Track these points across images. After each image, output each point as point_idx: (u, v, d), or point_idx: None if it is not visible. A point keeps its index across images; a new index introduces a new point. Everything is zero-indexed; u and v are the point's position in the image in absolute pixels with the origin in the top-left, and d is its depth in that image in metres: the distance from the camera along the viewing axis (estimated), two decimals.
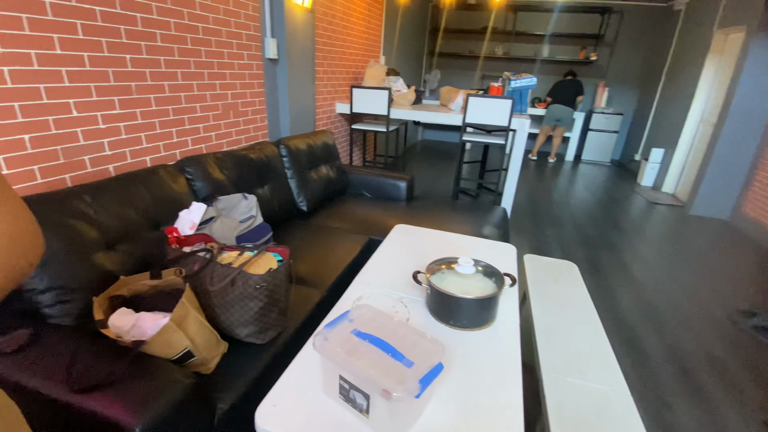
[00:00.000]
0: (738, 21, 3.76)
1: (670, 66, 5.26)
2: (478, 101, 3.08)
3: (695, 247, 3.30)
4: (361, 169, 2.93)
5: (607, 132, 6.06)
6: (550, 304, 1.59)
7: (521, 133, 3.12)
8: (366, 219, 2.36)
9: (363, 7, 3.71)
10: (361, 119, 3.81)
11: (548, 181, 5.04)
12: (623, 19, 5.99)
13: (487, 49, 6.67)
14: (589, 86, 6.39)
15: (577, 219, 3.76)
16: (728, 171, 3.84)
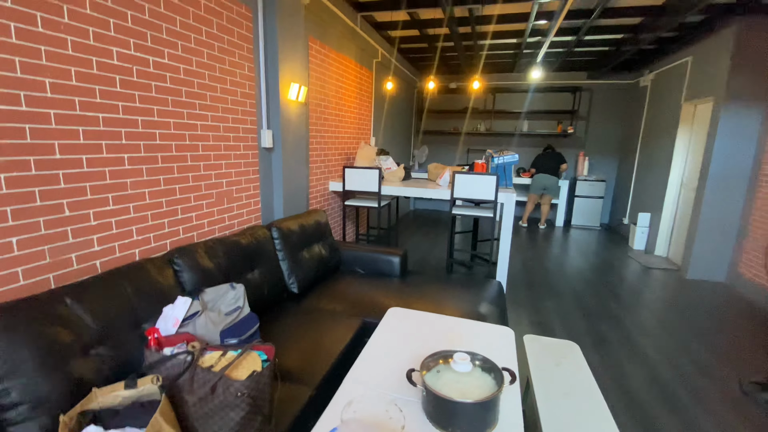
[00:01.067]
0: (704, 93, 4.10)
1: (643, 135, 5.61)
2: (465, 178, 3.20)
3: (697, 313, 3.22)
4: (355, 246, 2.94)
5: (593, 198, 6.25)
6: (556, 393, 1.50)
7: (508, 205, 3.20)
8: (359, 299, 2.31)
9: (353, 96, 4.02)
10: (353, 195, 3.92)
11: (541, 248, 5.07)
12: (593, 95, 6.52)
13: (470, 126, 7.13)
14: (571, 156, 6.74)
15: (574, 288, 3.71)
16: (717, 233, 3.90)
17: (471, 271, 4.01)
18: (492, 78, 6.91)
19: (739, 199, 3.79)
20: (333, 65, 3.48)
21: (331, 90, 3.48)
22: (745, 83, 3.61)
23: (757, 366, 2.47)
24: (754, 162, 3.69)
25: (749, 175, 3.73)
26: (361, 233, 4.47)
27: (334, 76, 3.53)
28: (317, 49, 3.15)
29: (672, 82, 4.86)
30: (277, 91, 2.54)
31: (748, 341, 2.78)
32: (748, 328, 2.99)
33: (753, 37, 3.53)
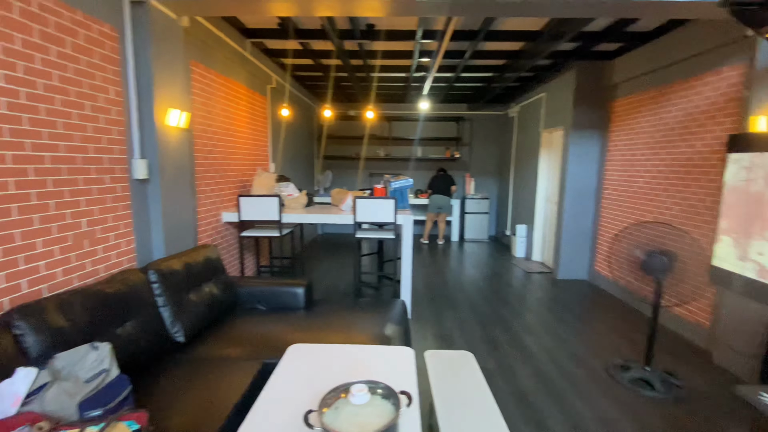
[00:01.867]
0: (557, 123, 4.90)
1: (515, 158, 6.47)
2: (365, 202, 3.27)
3: (568, 309, 3.74)
4: (254, 280, 2.75)
5: (480, 214, 6.95)
6: (454, 403, 1.56)
7: (407, 226, 3.35)
8: (260, 339, 2.14)
9: (246, 122, 3.86)
10: (252, 225, 3.70)
11: (440, 263, 5.40)
12: (474, 124, 7.34)
13: (370, 151, 7.41)
14: (459, 177, 7.43)
15: (469, 297, 4.01)
16: (577, 239, 4.63)
17: (379, 292, 4.07)
18: (387, 107, 7.32)
19: (590, 209, 4.59)
20: (221, 90, 3.31)
21: (219, 116, 3.28)
22: (584, 114, 4.44)
23: (617, 350, 2.94)
24: (598, 179, 4.51)
25: (595, 189, 4.55)
26: (263, 265, 4.22)
27: (223, 102, 3.35)
28: (201, 73, 2.97)
29: (533, 113, 5.75)
30: (152, 117, 2.30)
31: (608, 329, 3.30)
32: (607, 317, 3.56)
33: (586, 78, 4.38)
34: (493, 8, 2.32)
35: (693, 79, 3.15)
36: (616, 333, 3.22)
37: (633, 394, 2.38)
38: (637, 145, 3.83)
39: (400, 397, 1.12)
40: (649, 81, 3.68)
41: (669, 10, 2.28)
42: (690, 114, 3.17)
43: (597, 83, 4.39)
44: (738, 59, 2.75)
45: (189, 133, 2.66)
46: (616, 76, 4.13)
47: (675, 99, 3.34)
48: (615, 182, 4.18)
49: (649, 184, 3.62)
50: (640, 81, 3.82)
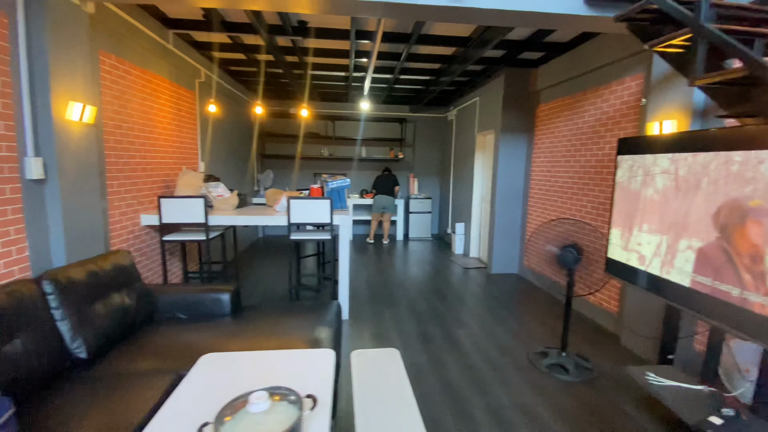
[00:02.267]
0: (489, 126, 5.14)
1: (454, 159, 6.71)
2: (300, 203, 3.21)
3: (498, 302, 3.95)
4: (174, 287, 2.59)
5: (424, 213, 7.12)
6: (374, 403, 1.57)
7: (344, 227, 3.34)
8: (176, 350, 2.01)
9: (169, 117, 3.62)
10: (177, 229, 3.48)
11: (383, 262, 5.45)
12: (417, 126, 7.50)
13: (314, 151, 7.29)
14: (404, 178, 7.55)
15: (409, 295, 4.09)
16: (508, 235, 4.90)
17: (319, 294, 4.01)
18: (330, 106, 7.24)
19: (519, 207, 4.87)
20: (138, 83, 3.06)
21: (136, 110, 3.04)
22: (513, 119, 4.70)
23: (540, 338, 3.15)
24: (525, 179, 4.81)
25: (523, 188, 4.84)
26: (193, 271, 3.99)
27: (141, 96, 3.11)
28: (113, 64, 2.73)
29: (469, 117, 5.99)
30: (49, 111, 2.07)
31: (534, 319, 3.53)
32: (533, 308, 3.80)
33: (514, 84, 4.64)
34: (422, 13, 2.38)
35: (602, 87, 3.46)
36: (540, 322, 3.45)
37: (549, 379, 2.56)
38: (557, 147, 4.14)
39: (305, 401, 1.10)
40: (566, 89, 3.99)
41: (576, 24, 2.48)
42: (599, 120, 3.48)
43: (523, 89, 4.67)
44: (638, 70, 3.06)
45: (96, 129, 2.43)
46: (539, 83, 4.42)
47: (587, 106, 3.65)
48: (539, 182, 4.48)
49: (567, 184, 3.92)
50: (559, 88, 4.12)
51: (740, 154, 1.53)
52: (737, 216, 1.49)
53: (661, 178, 1.97)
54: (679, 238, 1.83)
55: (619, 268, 2.26)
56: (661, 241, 1.95)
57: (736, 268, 1.48)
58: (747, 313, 1.40)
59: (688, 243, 1.77)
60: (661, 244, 1.96)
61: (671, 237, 1.89)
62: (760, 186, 1.42)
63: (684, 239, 1.80)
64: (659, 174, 1.99)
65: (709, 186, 1.67)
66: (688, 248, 1.77)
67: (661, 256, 1.96)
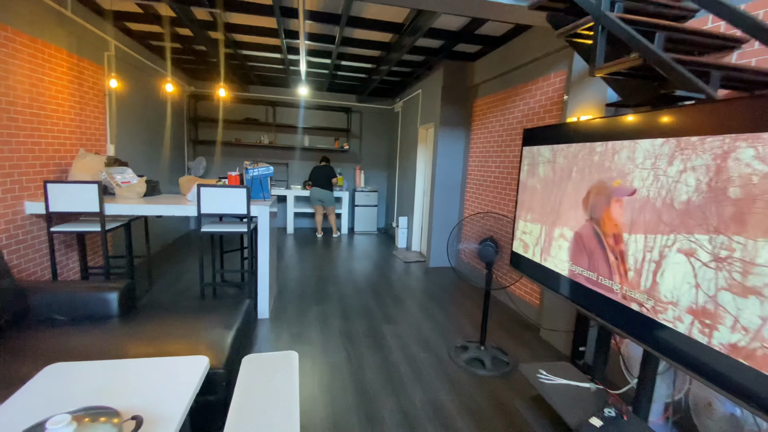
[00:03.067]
0: (430, 119, 5.08)
1: (400, 152, 6.64)
2: (211, 191, 2.95)
3: (429, 297, 3.92)
4: (53, 285, 2.26)
5: (369, 206, 7.01)
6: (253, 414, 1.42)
7: (263, 219, 3.12)
8: (34, 356, 1.73)
9: (67, 93, 3.19)
10: (73, 219, 3.09)
11: (322, 257, 5.27)
12: (363, 116, 7.34)
13: (254, 138, 6.91)
14: (349, 170, 7.38)
15: (341, 291, 3.95)
16: (446, 228, 4.89)
17: (242, 291, 3.76)
18: (270, 91, 6.89)
19: (456, 201, 4.88)
20: (23, 53, 2.65)
21: (19, 84, 2.63)
22: (451, 112, 4.67)
23: (464, 332, 3.13)
24: (463, 172, 4.81)
25: (460, 182, 4.84)
26: (96, 266, 3.59)
27: (27, 68, 2.69)
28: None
29: (412, 109, 5.92)
30: None
31: (462, 313, 3.52)
32: (463, 302, 3.80)
33: (453, 77, 4.61)
34: None
35: (530, 83, 3.48)
36: (467, 316, 3.45)
37: (466, 374, 2.53)
38: (490, 142, 4.15)
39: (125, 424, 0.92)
40: (499, 84, 4.00)
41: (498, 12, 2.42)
42: (526, 115, 3.51)
43: (461, 83, 4.65)
44: (561, 66, 3.09)
45: None
46: (476, 77, 4.41)
47: (517, 101, 3.67)
48: (475, 176, 4.49)
49: (498, 178, 3.95)
50: (493, 83, 4.13)
51: (601, 145, 1.57)
52: (603, 197, 1.52)
53: (543, 167, 2.00)
54: (554, 226, 1.87)
55: (516, 259, 2.26)
56: (541, 229, 1.98)
57: (605, 251, 1.49)
58: (622, 308, 1.39)
59: (560, 231, 1.81)
60: (540, 233, 2.00)
61: (548, 225, 1.93)
62: (617, 174, 1.46)
63: (558, 227, 1.84)
64: (542, 163, 2.02)
65: (578, 174, 1.71)
66: (561, 236, 1.81)
67: (540, 245, 2.00)
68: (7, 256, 2.56)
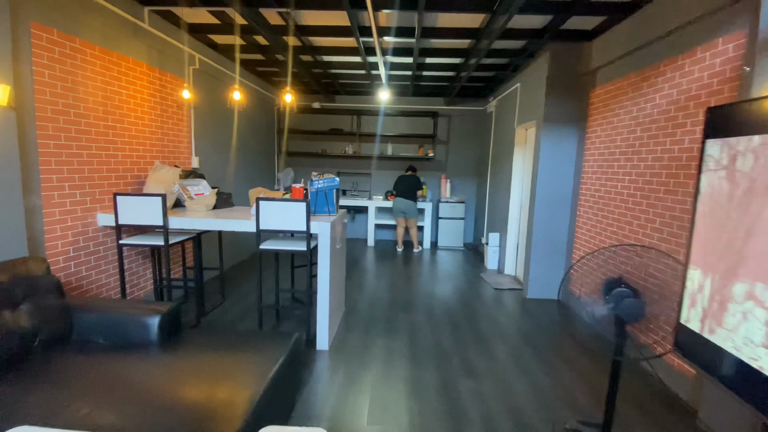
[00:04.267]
0: (530, 117, 4.24)
1: (492, 158, 5.81)
2: (271, 205, 2.64)
3: (529, 339, 3.08)
4: (98, 304, 2.13)
5: (455, 219, 6.29)
6: None
7: (323, 236, 2.71)
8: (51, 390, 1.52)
9: (148, 107, 3.24)
10: (149, 231, 3.09)
11: (399, 275, 4.74)
12: (451, 120, 6.69)
13: (338, 148, 6.78)
14: (434, 179, 6.77)
15: (416, 319, 3.35)
16: (549, 251, 3.96)
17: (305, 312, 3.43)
18: (355, 100, 6.69)
19: (565, 218, 3.91)
20: (96, 65, 2.69)
21: (93, 95, 2.67)
22: (559, 107, 3.77)
23: (574, 405, 2.28)
24: (574, 182, 3.84)
25: (571, 194, 3.87)
26: (174, 278, 3.61)
27: (101, 79, 2.73)
28: (53, 40, 2.35)
29: (508, 107, 5.09)
30: None
31: (571, 371, 2.64)
32: (574, 354, 2.89)
33: (561, 63, 3.72)
34: None
35: (681, 56, 2.48)
36: (582, 379, 2.55)
37: None
38: (615, 141, 3.16)
39: None
40: (629, 64, 3.02)
41: None
42: (676, 101, 2.50)
43: (573, 69, 3.72)
44: (736, 26, 2.08)
45: (12, 113, 2.04)
46: (594, 59, 3.46)
47: (659, 83, 2.67)
48: (592, 186, 3.51)
49: (629, 190, 2.95)
50: (620, 64, 3.15)
51: None
52: None
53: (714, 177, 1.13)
54: (734, 277, 1.00)
55: (699, 350, 1.38)
56: (705, 278, 1.13)
57: None
58: None
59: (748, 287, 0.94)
60: (703, 285, 1.13)
61: (721, 273, 1.05)
62: None
63: (743, 279, 0.97)
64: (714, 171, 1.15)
65: None
66: (749, 296, 0.94)
67: (702, 304, 1.12)
68: (74, 268, 2.57)
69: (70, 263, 2.54)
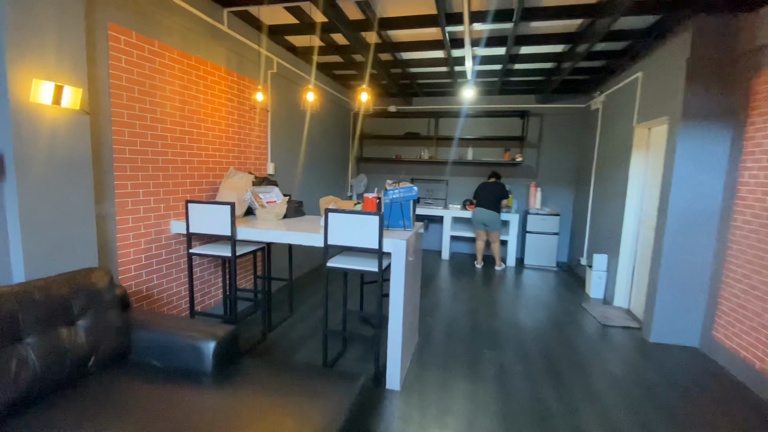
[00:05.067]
0: (658, 113, 3.41)
1: (597, 164, 4.92)
2: (339, 218, 2.32)
3: (659, 400, 2.32)
4: (158, 322, 1.97)
5: (547, 234, 5.47)
6: None
7: (398, 255, 2.31)
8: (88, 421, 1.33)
9: (226, 112, 3.17)
10: (217, 240, 2.98)
11: (483, 298, 4.16)
12: (544, 120, 5.89)
13: (413, 153, 6.40)
14: (521, 187, 6.02)
15: (504, 362, 2.78)
16: (685, 283, 3.08)
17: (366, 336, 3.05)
18: (433, 102, 6.24)
19: (710, 240, 3.01)
20: (175, 68, 2.63)
21: (168, 100, 2.61)
22: (703, 97, 2.91)
23: None
24: (725, 193, 2.94)
25: (719, 209, 2.97)
26: (244, 289, 3.50)
27: (178, 83, 2.67)
28: (131, 42, 2.30)
29: (623, 103, 4.22)
30: (4, 90, 1.65)
31: None
32: (723, 423, 2.09)
33: (708, 41, 2.87)
34: None
35: None
36: None
37: None
38: None
39: None
40: None
41: None
42: None
43: (727, 49, 2.84)
44: None
45: (85, 118, 1.98)
46: (760, 35, 2.57)
47: None
48: (757, 204, 2.60)
49: None
50: None
51: None
52: None
53: None
54: None
55: None
56: None
57: None
58: None
59: None
60: None
61: None
62: None
63: None
64: None
65: None
66: None
67: None
68: (145, 276, 2.50)
69: (141, 271, 2.47)
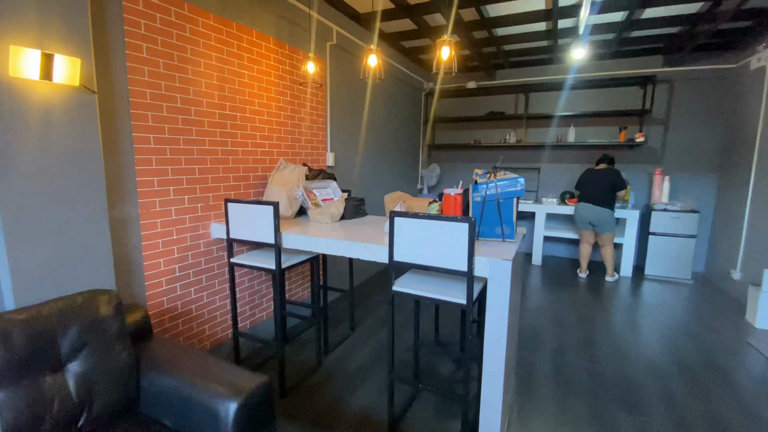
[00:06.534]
0: None
1: (762, 143, 3.58)
2: (409, 224, 1.65)
3: None
4: (171, 363, 1.50)
5: (680, 236, 4.22)
6: None
7: (496, 280, 1.57)
8: None
9: (275, 93, 2.67)
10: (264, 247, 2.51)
11: (596, 322, 3.21)
12: (674, 88, 4.56)
13: (497, 136, 5.47)
14: (641, 175, 4.77)
15: (638, 418, 1.91)
16: None
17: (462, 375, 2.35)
18: (523, 74, 5.22)
19: None
20: (209, 37, 2.16)
21: (204, 76, 2.15)
22: None
23: None
24: None
25: None
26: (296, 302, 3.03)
27: (215, 56, 2.20)
28: (152, 3, 1.85)
29: None
30: None
31: None
32: None
33: None
34: None
35: None
36: None
37: None
38: None
39: None
40: None
41: None
42: None
43: None
44: None
45: (91, 96, 1.55)
46: None
47: None
48: None
49: None
50: None
51: None
52: None
53: None
54: None
55: None
56: None
57: None
58: None
59: None
60: None
61: None
62: None
63: None
64: None
65: None
66: None
67: None
68: (180, 291, 2.09)
69: (175, 284, 2.07)
